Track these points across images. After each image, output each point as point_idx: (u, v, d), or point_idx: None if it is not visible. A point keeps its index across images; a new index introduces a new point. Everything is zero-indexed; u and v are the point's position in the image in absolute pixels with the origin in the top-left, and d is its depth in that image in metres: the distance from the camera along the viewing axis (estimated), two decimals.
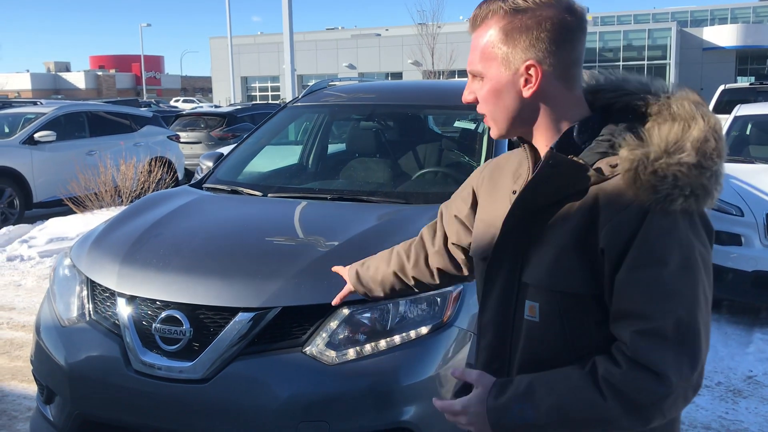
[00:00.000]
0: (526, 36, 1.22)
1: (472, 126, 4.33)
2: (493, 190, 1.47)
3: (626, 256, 1.16)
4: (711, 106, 11.60)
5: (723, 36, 47.45)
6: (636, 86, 1.29)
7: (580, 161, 1.22)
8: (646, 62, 45.96)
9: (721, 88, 12.28)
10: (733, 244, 5.08)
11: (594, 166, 1.22)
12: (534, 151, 1.34)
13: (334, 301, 1.99)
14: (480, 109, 1.33)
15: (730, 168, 5.93)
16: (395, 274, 1.79)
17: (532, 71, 1.23)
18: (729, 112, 7.77)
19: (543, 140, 1.30)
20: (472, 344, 2.47)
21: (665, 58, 45.65)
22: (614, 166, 1.20)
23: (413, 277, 1.77)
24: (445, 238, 1.69)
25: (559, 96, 1.26)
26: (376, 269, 1.83)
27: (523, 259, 1.29)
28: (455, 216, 1.64)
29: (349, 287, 1.92)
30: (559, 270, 1.22)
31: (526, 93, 1.25)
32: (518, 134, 1.33)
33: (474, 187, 1.57)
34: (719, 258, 5.10)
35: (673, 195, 1.15)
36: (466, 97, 1.33)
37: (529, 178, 1.30)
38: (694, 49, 47.73)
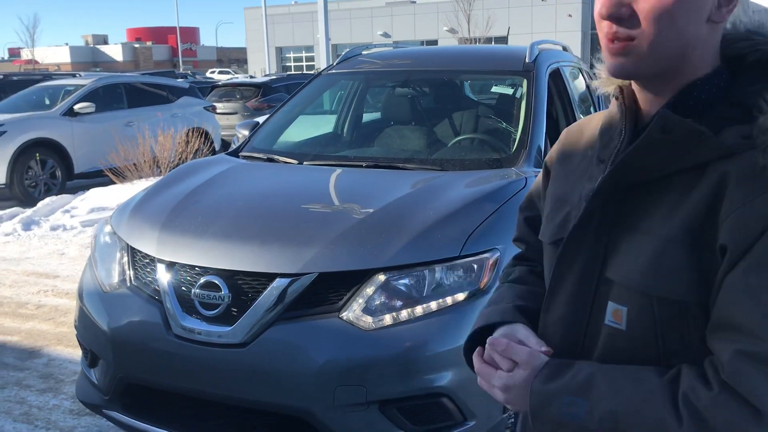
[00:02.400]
0: None
1: (509, 91, 4.26)
2: (567, 158, 1.18)
3: (748, 253, 0.87)
4: None
5: None
6: None
7: (702, 128, 0.92)
8: None
9: None
10: None
11: (719, 136, 0.92)
12: (633, 108, 1.03)
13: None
14: (625, 28, 0.93)
15: None
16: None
17: None
18: None
19: (664, 93, 0.99)
20: None
21: None
22: (748, 138, 0.91)
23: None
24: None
25: (717, 34, 0.96)
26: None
27: (607, 249, 1.01)
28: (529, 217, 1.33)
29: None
30: (660, 269, 0.94)
31: (717, 17, 0.93)
32: (645, 76, 0.98)
33: (547, 161, 1.26)
34: None
35: None
36: (613, 10, 0.93)
37: (631, 146, 0.98)
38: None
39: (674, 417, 0.89)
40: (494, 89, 4.69)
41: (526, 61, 3.66)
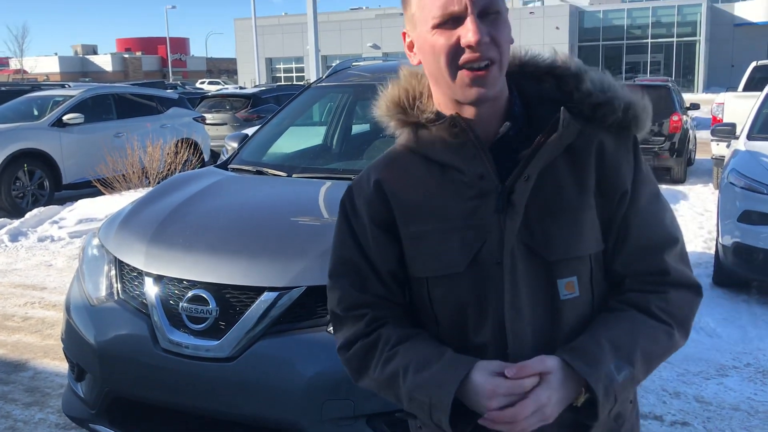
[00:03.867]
0: None
1: None
2: (413, 197, 1.22)
3: (639, 188, 1.19)
4: (742, 84, 11.48)
5: (755, 11, 46.33)
6: (542, 57, 1.27)
7: (574, 120, 1.17)
8: (675, 39, 45.08)
9: (753, 65, 12.02)
10: (764, 224, 4.98)
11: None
12: (470, 127, 1.17)
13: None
14: (490, 52, 1.10)
15: (762, 146, 5.80)
16: None
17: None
18: (761, 90, 7.59)
19: (497, 108, 1.18)
20: None
21: (695, 35, 44.74)
22: (580, 121, 1.18)
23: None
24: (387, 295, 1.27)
25: None
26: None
27: (536, 238, 1.15)
28: (388, 266, 1.25)
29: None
30: (587, 231, 1.17)
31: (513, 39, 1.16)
32: (494, 98, 1.16)
33: (376, 217, 1.25)
34: (750, 238, 5.01)
35: (640, 125, 1.21)
36: (484, 38, 1.09)
37: (544, 143, 1.15)
38: (725, 26, 46.68)
39: (668, 326, 1.17)
40: None
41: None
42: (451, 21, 1.10)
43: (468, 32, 1.08)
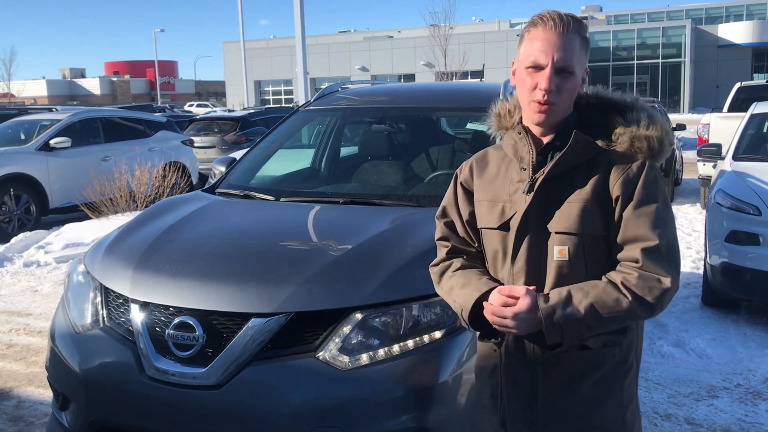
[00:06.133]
0: (587, 51, 1.74)
1: (484, 128, 4.30)
2: (485, 177, 1.86)
3: (633, 197, 1.65)
4: (727, 104, 11.59)
5: (739, 33, 47.04)
6: (611, 95, 1.82)
7: (590, 139, 1.69)
8: (660, 60, 45.62)
9: (737, 85, 12.15)
10: (751, 244, 5.00)
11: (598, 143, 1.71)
12: (533, 136, 1.76)
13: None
14: (552, 98, 1.66)
15: (747, 166, 5.85)
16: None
17: (586, 75, 1.76)
18: (745, 110, 7.68)
19: (551, 128, 1.73)
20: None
21: (680, 56, 45.30)
22: (609, 142, 1.71)
23: None
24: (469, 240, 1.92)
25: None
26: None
27: (547, 216, 1.70)
28: (465, 216, 1.89)
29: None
30: (584, 218, 1.66)
31: (582, 90, 1.76)
32: (553, 123, 1.72)
33: (463, 182, 1.91)
34: (737, 258, 5.03)
35: (653, 154, 1.70)
36: (552, 87, 1.65)
37: (560, 153, 1.69)
38: (709, 47, 47.34)
39: (623, 295, 1.62)
40: (469, 126, 4.74)
41: (500, 98, 3.70)
42: (537, 68, 1.67)
43: (544, 81, 1.66)
